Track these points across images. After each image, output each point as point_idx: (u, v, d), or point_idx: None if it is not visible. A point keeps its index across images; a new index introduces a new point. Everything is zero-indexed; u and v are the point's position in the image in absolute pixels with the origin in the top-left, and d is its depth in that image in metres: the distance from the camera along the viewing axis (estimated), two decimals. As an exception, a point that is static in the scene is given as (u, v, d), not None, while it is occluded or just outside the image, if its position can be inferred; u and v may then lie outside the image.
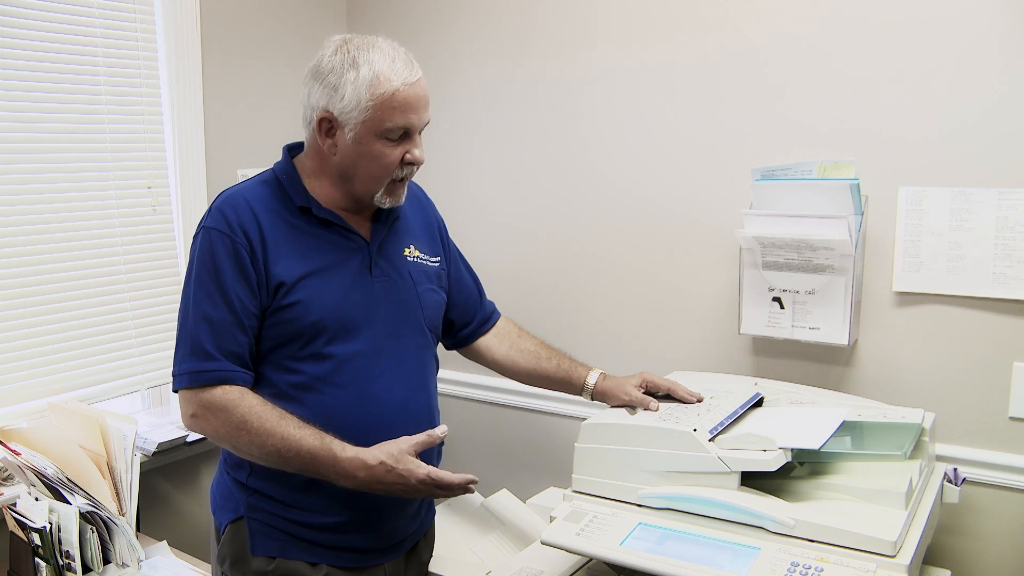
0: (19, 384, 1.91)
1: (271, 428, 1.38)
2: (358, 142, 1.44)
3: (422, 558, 1.70)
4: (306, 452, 1.38)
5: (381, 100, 1.41)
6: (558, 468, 2.13)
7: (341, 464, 1.38)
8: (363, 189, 1.48)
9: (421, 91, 1.45)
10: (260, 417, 1.39)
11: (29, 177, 1.90)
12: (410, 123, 1.44)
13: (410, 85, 1.43)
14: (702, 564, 1.30)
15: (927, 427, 1.53)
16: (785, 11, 1.85)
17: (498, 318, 1.82)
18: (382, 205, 1.50)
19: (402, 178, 1.49)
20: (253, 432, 1.39)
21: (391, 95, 1.41)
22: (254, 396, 1.42)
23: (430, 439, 1.43)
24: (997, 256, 1.67)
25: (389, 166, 1.45)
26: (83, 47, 1.97)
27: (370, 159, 1.45)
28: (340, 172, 1.48)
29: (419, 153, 1.47)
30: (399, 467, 1.38)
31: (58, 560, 1.68)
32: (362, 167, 1.46)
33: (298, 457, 1.38)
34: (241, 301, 1.42)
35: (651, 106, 2.05)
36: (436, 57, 2.37)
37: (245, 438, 1.40)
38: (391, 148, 1.44)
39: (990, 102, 1.65)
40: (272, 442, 1.38)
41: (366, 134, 1.43)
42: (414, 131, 1.46)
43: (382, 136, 1.43)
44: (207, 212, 1.48)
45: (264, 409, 1.40)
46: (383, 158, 1.44)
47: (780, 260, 1.82)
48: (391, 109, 1.42)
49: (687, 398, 1.61)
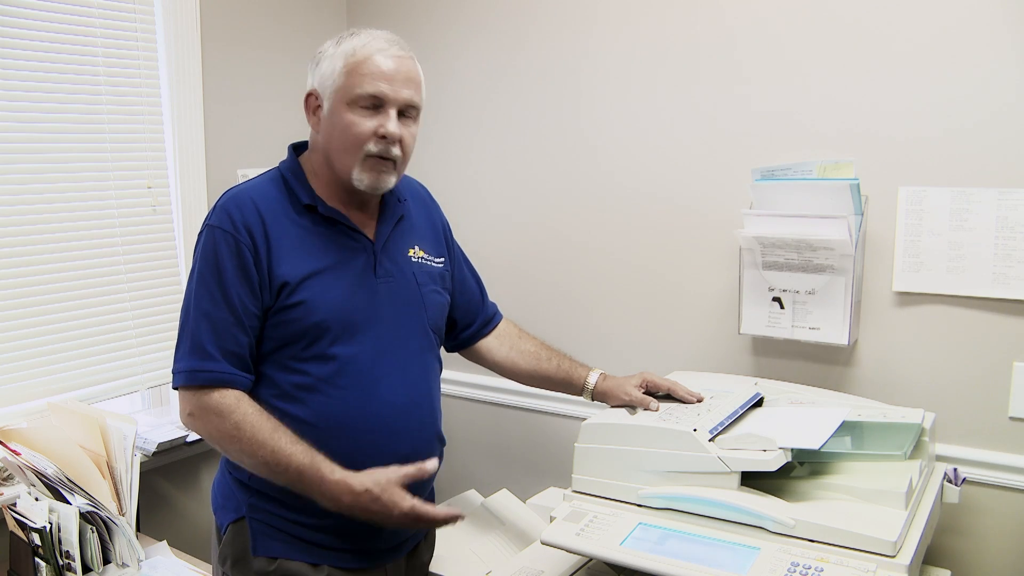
0: (19, 384, 1.91)
1: (263, 439, 1.38)
2: (332, 113, 1.44)
3: (423, 559, 1.70)
4: (294, 468, 1.37)
5: (353, 66, 1.42)
6: (558, 468, 2.13)
7: (327, 485, 1.37)
8: (340, 166, 1.46)
9: (397, 64, 1.44)
10: (253, 427, 1.39)
11: (29, 177, 1.90)
12: (380, 91, 1.42)
13: (383, 53, 1.43)
14: (702, 564, 1.30)
15: (927, 427, 1.53)
16: (785, 11, 1.85)
17: (500, 320, 1.82)
18: (360, 185, 1.45)
19: (378, 155, 1.44)
20: (245, 441, 1.39)
21: (362, 61, 1.42)
22: (250, 404, 1.41)
23: (419, 473, 1.40)
24: (997, 256, 1.67)
25: (359, 136, 1.42)
26: (83, 47, 1.97)
27: (342, 129, 1.43)
28: (324, 154, 1.48)
29: (393, 128, 1.42)
30: (384, 497, 1.36)
31: (58, 560, 1.68)
32: (335, 140, 1.45)
33: (286, 472, 1.38)
34: (242, 301, 1.42)
35: (651, 106, 2.05)
36: (435, 55, 2.37)
37: (236, 446, 1.40)
38: (362, 118, 1.42)
39: (990, 102, 1.65)
40: (262, 453, 1.38)
41: (338, 103, 1.43)
42: (387, 103, 1.43)
43: (353, 104, 1.42)
44: (212, 210, 1.48)
45: (258, 419, 1.39)
46: (353, 127, 1.42)
47: (780, 260, 1.82)
48: (360, 75, 1.41)
49: (687, 398, 1.61)
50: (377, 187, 1.47)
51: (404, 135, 1.46)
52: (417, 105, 1.48)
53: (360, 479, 1.37)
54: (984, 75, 1.66)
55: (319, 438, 1.45)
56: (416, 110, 1.48)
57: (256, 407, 1.41)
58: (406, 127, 1.46)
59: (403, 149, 1.47)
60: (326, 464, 1.37)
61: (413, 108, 1.47)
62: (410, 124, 1.48)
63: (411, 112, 1.47)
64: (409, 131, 1.47)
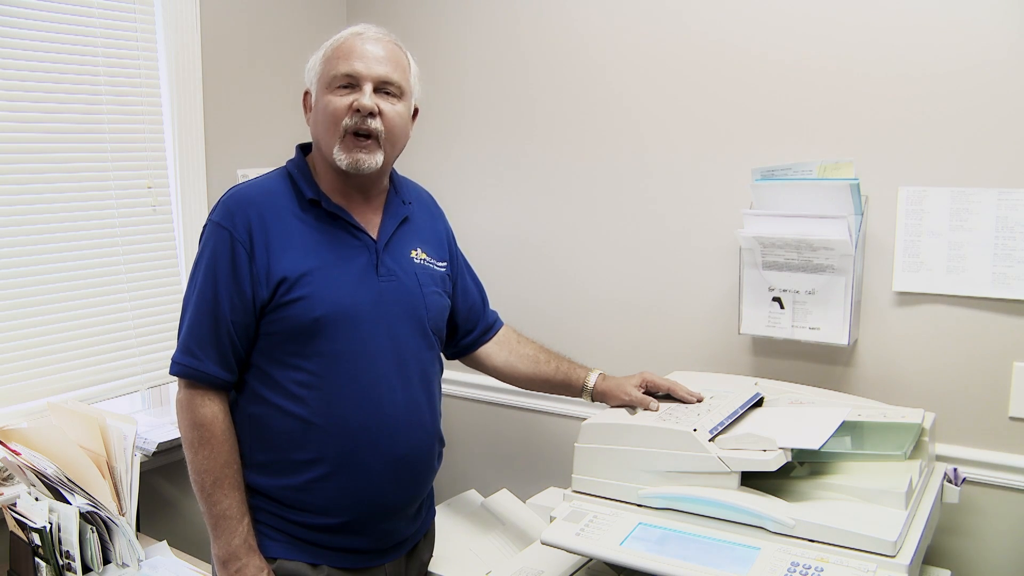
0: (19, 384, 1.91)
1: (215, 468, 1.45)
2: (316, 100, 1.50)
3: (422, 558, 1.70)
4: (220, 511, 1.44)
5: (330, 52, 1.48)
6: (558, 468, 2.13)
7: (232, 547, 1.43)
8: (326, 150, 1.48)
9: (373, 45, 1.47)
10: (212, 449, 1.45)
11: (29, 177, 1.90)
12: (353, 70, 1.45)
13: (359, 36, 1.48)
14: (702, 564, 1.30)
15: (927, 427, 1.53)
16: (785, 10, 1.85)
17: (500, 327, 1.82)
18: (342, 165, 1.46)
19: (355, 131, 1.45)
20: (200, 458, 1.45)
21: (337, 46, 1.48)
22: (224, 426, 1.46)
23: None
24: (997, 256, 1.67)
25: (336, 113, 1.45)
26: (83, 47, 1.97)
27: (323, 112, 1.47)
28: (317, 144, 1.51)
29: (366, 101, 1.44)
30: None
31: (58, 560, 1.68)
32: (320, 124, 1.48)
33: (213, 507, 1.44)
34: (231, 300, 1.43)
35: (651, 105, 2.05)
36: (436, 58, 2.37)
37: (191, 454, 1.46)
38: (338, 97, 1.45)
39: (990, 102, 1.65)
40: (206, 480, 1.45)
41: (321, 91, 1.48)
42: (361, 79, 1.45)
43: (331, 86, 1.46)
44: (215, 206, 1.50)
45: (222, 450, 1.45)
46: (330, 106, 1.45)
47: (780, 260, 1.81)
48: (336, 59, 1.46)
49: (687, 398, 1.61)
50: (359, 166, 1.46)
51: (385, 110, 1.46)
52: (395, 82, 1.48)
53: (259, 565, 1.44)
54: (984, 75, 1.65)
55: (318, 436, 1.46)
56: (397, 87, 1.49)
57: (226, 433, 1.46)
58: (388, 103, 1.47)
59: (386, 124, 1.47)
60: (250, 539, 1.45)
61: (391, 85, 1.48)
62: (393, 101, 1.48)
63: (390, 89, 1.48)
64: (393, 108, 1.48)
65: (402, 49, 1.53)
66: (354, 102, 1.44)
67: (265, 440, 1.48)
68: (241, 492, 1.46)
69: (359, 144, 1.46)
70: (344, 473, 1.47)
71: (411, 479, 1.55)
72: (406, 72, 1.51)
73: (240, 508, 1.45)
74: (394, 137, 1.50)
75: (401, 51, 1.52)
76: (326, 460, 1.46)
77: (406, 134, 1.55)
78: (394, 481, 1.52)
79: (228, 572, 1.43)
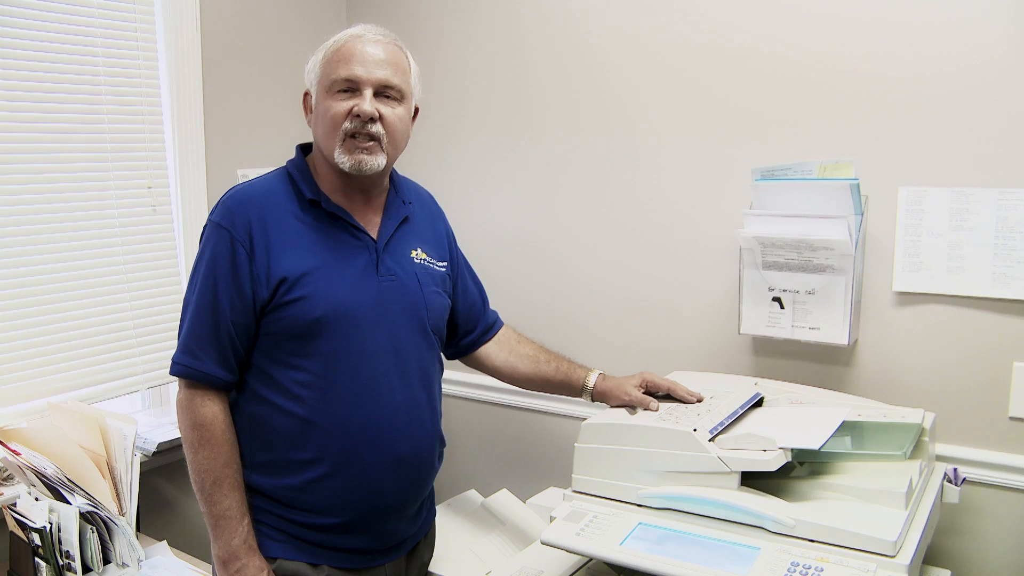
0: (19, 384, 1.91)
1: (215, 468, 1.45)
2: (317, 103, 1.50)
3: (423, 559, 1.70)
4: (220, 512, 1.44)
5: (330, 55, 1.47)
6: (558, 468, 2.13)
7: (232, 547, 1.43)
8: (327, 152, 1.48)
9: (373, 47, 1.47)
10: (213, 450, 1.45)
11: (29, 177, 1.90)
12: (353, 74, 1.45)
13: (359, 39, 1.47)
14: (702, 564, 1.30)
15: (927, 427, 1.53)
16: (785, 10, 1.85)
17: (500, 327, 1.82)
18: (344, 167, 1.47)
19: (354, 133, 1.45)
20: (200, 458, 1.45)
21: (337, 49, 1.47)
22: (225, 427, 1.46)
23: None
24: (997, 256, 1.67)
25: (336, 118, 1.45)
26: (83, 47, 1.97)
27: (323, 116, 1.47)
28: (318, 146, 1.51)
29: (366, 106, 1.44)
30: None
31: (58, 560, 1.68)
32: (320, 127, 1.49)
33: (213, 507, 1.44)
34: (232, 300, 1.43)
35: (651, 105, 2.05)
36: (436, 58, 2.37)
37: (191, 454, 1.46)
38: (338, 101, 1.45)
39: (990, 102, 1.65)
40: (207, 480, 1.45)
41: (321, 94, 1.48)
42: (361, 84, 1.45)
43: (331, 90, 1.46)
44: (215, 206, 1.50)
45: (222, 450, 1.45)
46: (330, 111, 1.46)
47: (780, 260, 1.81)
48: (335, 62, 1.46)
49: (687, 398, 1.61)
50: (360, 167, 1.47)
51: (386, 114, 1.47)
52: (395, 86, 1.48)
53: (259, 565, 1.44)
54: (984, 75, 1.65)
55: (319, 436, 1.46)
56: (397, 91, 1.49)
57: (226, 433, 1.46)
58: (389, 107, 1.47)
59: (387, 127, 1.47)
60: (250, 539, 1.45)
61: (392, 88, 1.48)
62: (393, 105, 1.49)
63: (391, 92, 1.48)
64: (393, 112, 1.48)
65: (402, 49, 1.52)
66: (354, 107, 1.44)
67: (265, 440, 1.48)
68: (241, 492, 1.46)
69: (361, 145, 1.46)
70: (344, 473, 1.47)
71: (411, 479, 1.55)
72: (406, 74, 1.51)
73: (240, 508, 1.45)
74: (395, 140, 1.50)
75: (401, 52, 1.52)
76: (326, 460, 1.47)
77: (407, 136, 1.55)
78: (394, 481, 1.52)
79: (228, 572, 1.43)
